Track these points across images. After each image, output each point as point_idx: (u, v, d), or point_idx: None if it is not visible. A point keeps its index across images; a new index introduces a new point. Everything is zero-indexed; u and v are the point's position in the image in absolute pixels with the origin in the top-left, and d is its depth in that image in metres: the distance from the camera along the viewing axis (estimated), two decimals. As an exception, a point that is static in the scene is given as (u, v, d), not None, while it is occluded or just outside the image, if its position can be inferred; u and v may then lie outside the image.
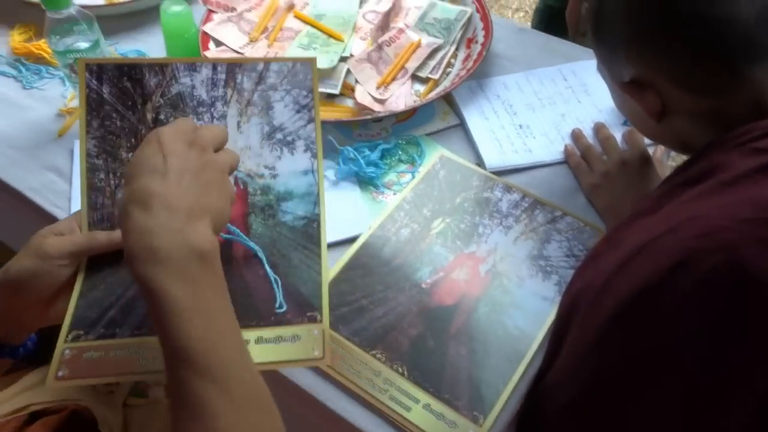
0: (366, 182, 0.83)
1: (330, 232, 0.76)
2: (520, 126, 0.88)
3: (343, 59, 0.94)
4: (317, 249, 0.59)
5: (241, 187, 0.61)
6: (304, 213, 0.60)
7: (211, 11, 0.99)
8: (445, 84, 0.93)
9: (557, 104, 0.91)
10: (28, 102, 0.93)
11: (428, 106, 0.90)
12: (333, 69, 0.93)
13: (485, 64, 0.92)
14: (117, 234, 0.57)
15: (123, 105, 0.61)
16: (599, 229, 0.76)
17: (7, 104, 0.93)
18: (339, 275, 0.73)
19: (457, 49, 0.98)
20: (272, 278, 0.57)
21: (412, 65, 0.94)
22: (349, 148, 0.83)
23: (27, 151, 0.88)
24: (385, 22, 0.98)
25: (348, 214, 0.80)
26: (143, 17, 1.03)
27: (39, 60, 0.97)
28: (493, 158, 0.84)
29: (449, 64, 0.96)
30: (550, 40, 1.03)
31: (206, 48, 0.94)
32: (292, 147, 0.61)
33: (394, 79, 0.93)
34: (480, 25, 0.98)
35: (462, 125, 0.90)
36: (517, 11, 2.71)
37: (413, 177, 0.83)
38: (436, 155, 0.85)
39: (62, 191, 0.82)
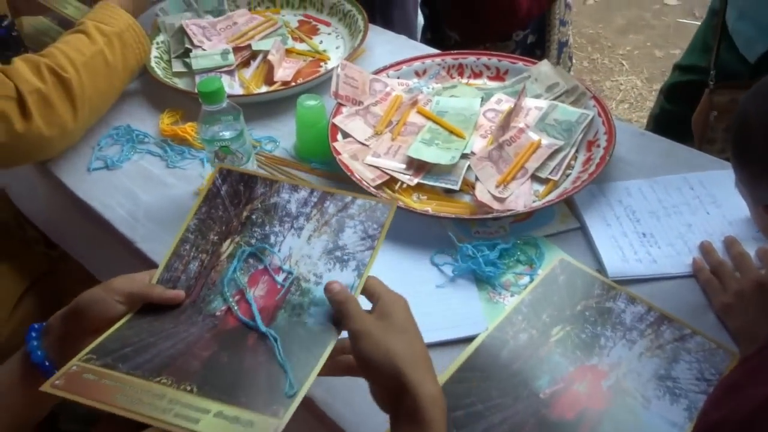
0: (483, 281, 0.83)
1: (444, 330, 0.78)
2: (644, 234, 0.86)
3: (464, 156, 0.97)
4: (319, 355, 0.59)
5: (286, 285, 0.64)
6: (325, 321, 0.61)
7: (340, 105, 1.06)
8: (565, 185, 0.93)
9: (683, 214, 0.88)
10: (171, 180, 1.01)
11: (547, 207, 0.90)
12: (454, 165, 0.95)
13: (606, 167, 0.92)
14: (171, 292, 0.65)
15: (230, 201, 0.71)
16: (733, 353, 0.72)
17: (152, 181, 1.02)
18: (454, 376, 0.73)
19: (577, 151, 0.99)
20: (282, 363, 0.58)
21: (531, 165, 0.96)
22: (468, 246, 0.84)
23: (166, 225, 0.95)
24: (506, 122, 1.00)
25: (463, 313, 0.80)
26: (277, 106, 1.11)
27: (183, 142, 1.06)
28: (616, 266, 0.82)
29: (569, 166, 0.97)
30: (673, 147, 1.02)
31: (335, 139, 1.00)
32: (345, 264, 0.65)
33: (513, 178, 0.94)
34: (602, 129, 0.98)
35: (582, 229, 0.89)
36: (621, 102, 2.70)
37: (531, 279, 0.82)
38: (555, 259, 0.84)
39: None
